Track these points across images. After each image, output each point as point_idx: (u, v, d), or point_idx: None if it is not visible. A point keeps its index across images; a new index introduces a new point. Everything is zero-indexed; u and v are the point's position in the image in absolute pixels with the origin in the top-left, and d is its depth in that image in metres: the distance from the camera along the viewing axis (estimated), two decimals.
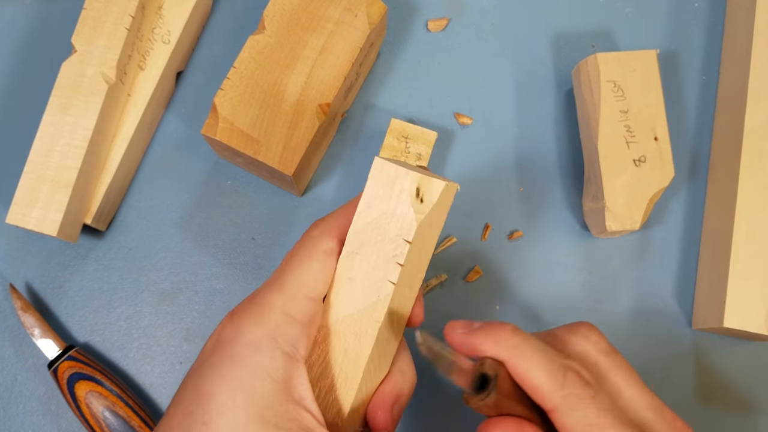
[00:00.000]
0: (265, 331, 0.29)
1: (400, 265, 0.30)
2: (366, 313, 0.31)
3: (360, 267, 0.31)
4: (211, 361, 0.29)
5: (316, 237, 0.32)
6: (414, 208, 0.30)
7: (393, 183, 0.30)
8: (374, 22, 0.46)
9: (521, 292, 0.49)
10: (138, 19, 0.47)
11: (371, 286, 0.31)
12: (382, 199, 0.30)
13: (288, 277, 0.31)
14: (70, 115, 0.44)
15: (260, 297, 0.30)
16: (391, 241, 0.30)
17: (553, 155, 0.51)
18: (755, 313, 0.44)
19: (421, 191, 0.30)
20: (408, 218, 0.30)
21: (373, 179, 0.31)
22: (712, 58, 0.53)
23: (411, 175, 0.30)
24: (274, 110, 0.45)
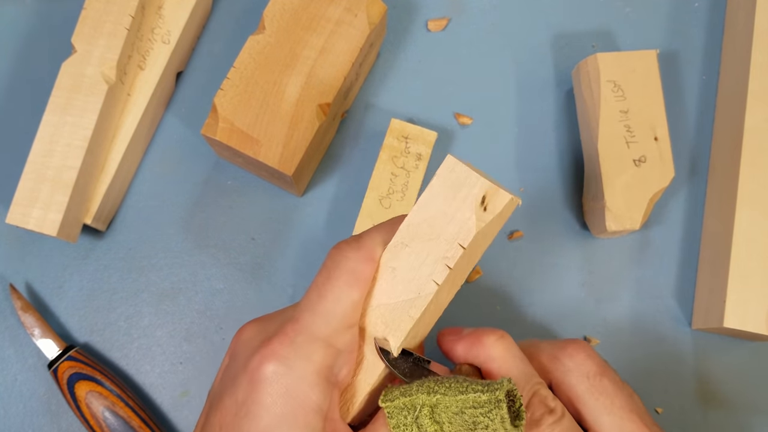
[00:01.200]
0: (314, 367, 0.28)
1: (449, 267, 0.30)
2: (402, 306, 0.30)
3: (406, 260, 0.30)
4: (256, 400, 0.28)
5: (352, 261, 0.30)
6: (476, 215, 0.29)
7: (461, 185, 0.30)
8: (374, 22, 0.46)
9: (521, 292, 0.49)
10: (138, 19, 0.47)
11: (413, 282, 0.30)
12: (446, 199, 0.30)
13: (329, 306, 0.30)
14: (70, 115, 0.44)
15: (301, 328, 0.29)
16: (446, 242, 0.30)
17: (553, 155, 0.51)
18: (755, 313, 0.44)
19: (486, 199, 0.30)
20: (468, 224, 0.29)
21: (441, 176, 0.30)
22: (712, 58, 0.53)
23: (481, 181, 0.29)
24: (274, 110, 0.45)
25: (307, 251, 0.49)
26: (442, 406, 0.29)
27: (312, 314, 0.30)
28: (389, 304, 0.31)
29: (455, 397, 0.29)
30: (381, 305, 0.31)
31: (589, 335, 0.49)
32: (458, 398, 0.29)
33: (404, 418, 0.29)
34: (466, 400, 0.29)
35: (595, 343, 0.48)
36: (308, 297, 0.30)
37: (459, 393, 0.29)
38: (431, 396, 0.29)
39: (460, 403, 0.29)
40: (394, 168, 0.47)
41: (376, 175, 0.47)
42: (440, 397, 0.29)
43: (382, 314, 0.31)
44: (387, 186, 0.47)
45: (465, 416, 0.29)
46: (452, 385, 0.29)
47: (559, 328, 0.49)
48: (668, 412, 0.48)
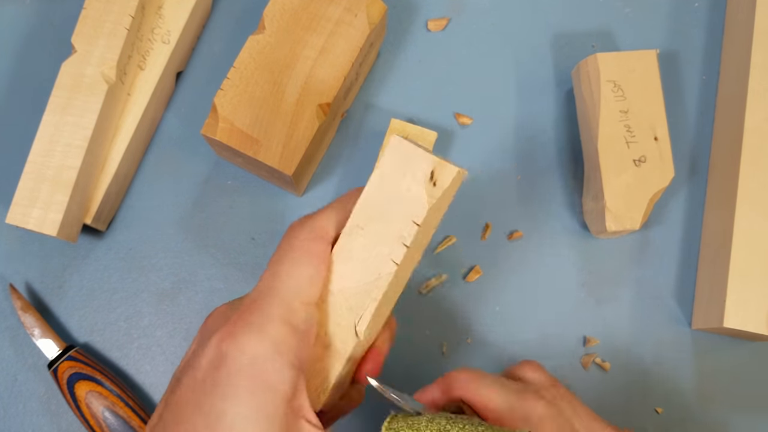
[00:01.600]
0: (268, 345, 0.28)
1: (406, 246, 0.30)
2: (364, 288, 0.30)
3: (362, 242, 0.30)
4: (215, 377, 0.28)
5: (304, 240, 0.31)
6: (427, 191, 0.29)
7: (409, 163, 0.30)
8: (374, 22, 0.46)
9: (521, 292, 0.49)
10: (138, 19, 0.47)
11: (372, 263, 0.30)
12: (395, 178, 0.30)
13: (283, 284, 0.30)
14: (70, 115, 0.44)
15: (257, 306, 0.29)
16: (400, 221, 0.30)
17: (553, 155, 0.51)
18: (755, 313, 0.44)
19: (435, 175, 0.30)
20: (420, 201, 0.29)
21: (389, 156, 0.30)
22: (712, 58, 0.53)
23: (429, 157, 0.29)
24: (274, 110, 0.45)
25: None
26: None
27: (267, 293, 0.30)
28: (350, 288, 0.31)
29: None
30: (342, 289, 0.31)
31: (589, 335, 0.49)
32: None
33: None
34: None
35: (595, 343, 0.48)
36: (263, 278, 0.31)
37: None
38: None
39: None
40: None
41: None
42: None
43: (345, 298, 0.31)
44: None
45: None
46: (466, 426, 0.29)
47: (559, 328, 0.49)
48: (668, 412, 0.48)
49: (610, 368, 0.48)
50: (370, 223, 0.30)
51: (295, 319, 0.29)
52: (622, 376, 0.48)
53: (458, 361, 0.48)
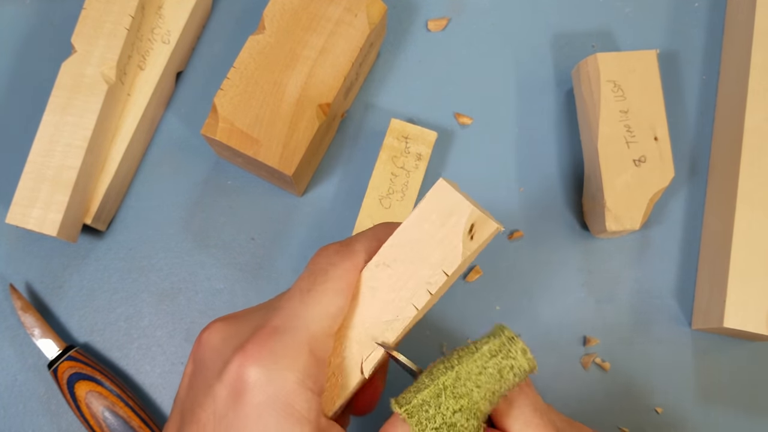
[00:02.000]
0: (297, 376, 0.27)
1: (431, 293, 0.29)
2: (379, 327, 0.30)
3: (386, 281, 0.30)
4: (239, 411, 0.26)
5: (339, 268, 0.29)
6: (464, 243, 0.29)
7: (451, 212, 0.29)
8: (374, 22, 0.46)
9: (521, 292, 0.49)
10: (138, 19, 0.47)
11: (392, 304, 0.30)
12: (434, 223, 0.29)
13: (314, 313, 0.28)
14: (70, 115, 0.44)
15: (282, 335, 0.27)
16: (430, 267, 0.29)
17: (553, 155, 0.51)
18: (755, 313, 0.44)
19: (474, 228, 0.29)
20: (455, 252, 0.29)
21: (432, 199, 0.30)
22: (712, 58, 0.53)
23: (472, 210, 0.29)
24: (274, 110, 0.45)
25: (307, 251, 0.49)
26: (464, 375, 0.29)
27: (294, 319, 0.28)
28: (365, 324, 0.30)
29: (472, 358, 0.29)
30: (356, 324, 0.30)
31: (589, 335, 0.49)
32: (475, 357, 0.29)
33: (426, 413, 0.28)
34: (483, 354, 0.29)
35: (595, 343, 0.48)
36: (289, 301, 0.29)
37: (473, 353, 0.29)
38: (449, 373, 0.29)
39: (479, 361, 0.29)
40: (394, 168, 0.47)
41: (376, 175, 0.47)
42: (458, 368, 0.29)
43: (357, 333, 0.30)
44: (387, 186, 0.47)
45: (489, 370, 0.29)
46: (461, 354, 0.29)
47: (559, 328, 0.49)
48: (668, 412, 0.48)
49: (610, 368, 0.48)
50: (397, 263, 0.30)
51: (320, 349, 0.28)
52: (622, 376, 0.48)
53: None
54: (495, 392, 0.29)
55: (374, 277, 0.30)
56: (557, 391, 0.48)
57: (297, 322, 0.28)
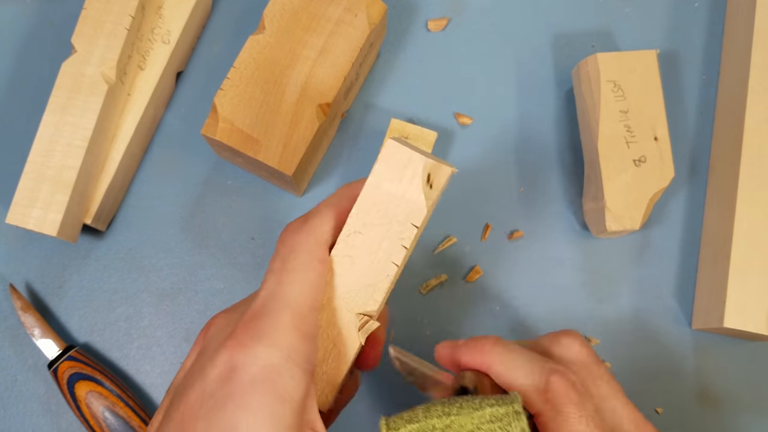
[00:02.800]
0: (281, 353, 0.27)
1: (405, 248, 0.30)
2: (365, 291, 0.31)
3: (361, 246, 0.31)
4: (227, 390, 0.27)
5: (306, 244, 0.30)
6: (425, 193, 0.30)
7: (405, 166, 0.30)
8: (374, 22, 0.46)
9: (521, 292, 0.49)
10: (138, 19, 0.47)
11: (373, 267, 0.31)
12: (391, 181, 0.30)
13: (289, 290, 0.29)
14: (70, 115, 0.44)
15: (265, 316, 0.28)
16: (399, 224, 0.30)
17: (553, 155, 0.51)
18: (755, 313, 0.44)
19: (431, 177, 0.30)
20: (418, 203, 0.30)
21: (384, 160, 0.30)
22: (712, 58, 0.53)
23: (425, 161, 0.30)
24: (274, 110, 0.45)
25: None
26: (456, 426, 0.29)
27: (273, 300, 0.29)
28: (351, 291, 0.31)
29: (470, 414, 0.29)
30: (343, 293, 0.31)
31: (589, 335, 0.49)
32: (474, 415, 0.29)
33: None
34: (483, 416, 0.29)
35: (595, 343, 0.48)
36: (266, 284, 0.30)
37: (474, 410, 0.29)
38: (443, 419, 0.29)
39: (477, 420, 0.29)
40: None
41: None
42: (454, 417, 0.29)
43: (346, 301, 0.31)
44: None
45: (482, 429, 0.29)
46: (464, 404, 0.29)
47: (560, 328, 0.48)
48: (668, 412, 0.48)
49: (610, 368, 0.48)
50: (368, 227, 0.31)
51: (305, 325, 0.29)
52: (622, 375, 0.48)
53: None
54: None
55: (349, 246, 0.31)
56: None
57: (276, 303, 0.29)
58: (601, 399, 0.33)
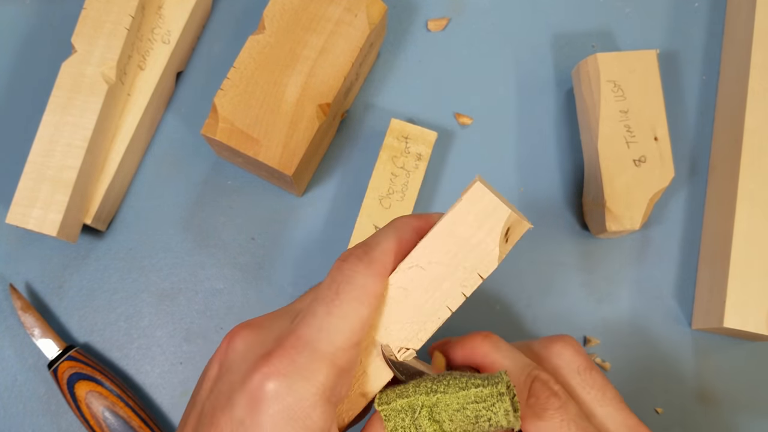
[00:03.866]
0: (317, 388, 0.27)
1: (465, 296, 0.30)
2: (411, 329, 0.30)
3: (420, 282, 0.30)
4: (258, 419, 0.26)
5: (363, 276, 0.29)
6: (500, 247, 0.29)
7: (489, 215, 0.29)
8: (374, 22, 0.46)
9: (521, 292, 0.49)
10: (138, 19, 0.47)
11: (426, 306, 0.30)
12: (470, 226, 0.29)
13: (340, 324, 0.28)
14: (70, 115, 0.44)
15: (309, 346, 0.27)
16: (465, 270, 0.29)
17: (553, 155, 0.51)
18: (755, 313, 0.44)
19: (510, 231, 0.30)
20: (492, 256, 0.29)
21: (469, 202, 0.29)
22: (712, 58, 0.53)
23: (509, 214, 0.29)
24: (274, 110, 0.45)
25: (307, 251, 0.49)
26: (442, 404, 0.29)
27: (317, 331, 0.28)
28: (397, 324, 0.30)
29: (456, 393, 0.29)
30: (389, 326, 0.30)
31: (589, 335, 0.49)
32: (459, 394, 0.29)
33: (402, 421, 0.29)
34: (468, 396, 0.28)
35: (595, 343, 0.48)
36: (313, 311, 0.29)
37: (459, 389, 0.29)
38: (430, 396, 0.29)
39: (462, 399, 0.29)
40: (394, 168, 0.47)
41: (376, 175, 0.47)
42: (440, 395, 0.29)
43: (389, 335, 0.30)
44: (387, 186, 0.47)
45: (467, 412, 0.29)
46: (451, 382, 0.29)
47: (559, 328, 0.49)
48: (668, 412, 0.48)
49: (610, 368, 0.48)
50: (432, 265, 0.30)
51: (344, 360, 0.28)
52: (622, 376, 0.48)
53: None
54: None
55: (407, 278, 0.30)
56: None
57: (320, 335, 0.28)
58: (594, 405, 0.33)
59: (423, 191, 0.50)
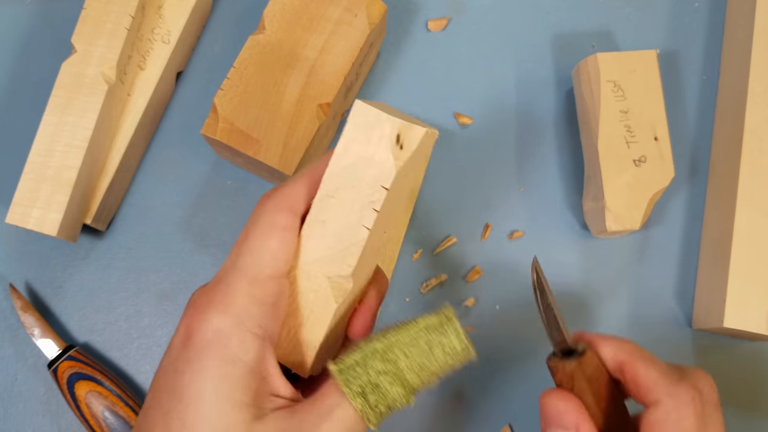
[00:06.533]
0: (232, 317, 0.29)
1: (376, 211, 0.30)
2: (339, 256, 0.30)
3: (334, 211, 0.30)
4: (185, 355, 0.29)
5: (270, 212, 0.31)
6: (393, 154, 0.29)
7: (373, 128, 0.30)
8: (374, 22, 0.46)
9: (521, 292, 0.49)
10: (138, 19, 0.47)
11: (345, 231, 0.30)
12: (360, 143, 0.30)
13: (247, 259, 0.30)
14: (70, 114, 0.44)
15: (222, 283, 0.30)
16: (369, 186, 0.30)
17: (553, 155, 0.51)
18: (755, 313, 0.44)
19: (401, 138, 0.30)
20: (387, 165, 0.30)
21: (353, 122, 0.30)
22: (712, 58, 0.53)
23: (392, 121, 0.29)
24: (274, 110, 0.45)
25: None
26: (395, 343, 0.29)
27: (231, 270, 0.30)
28: (325, 257, 0.31)
29: (407, 330, 0.30)
30: (318, 259, 0.31)
31: None
32: (410, 329, 0.30)
33: (354, 371, 0.29)
34: (418, 327, 0.30)
35: None
36: (230, 255, 0.31)
37: (409, 327, 0.30)
38: (382, 340, 0.30)
39: (413, 332, 0.30)
40: None
41: None
42: (392, 338, 0.30)
43: (321, 267, 0.31)
44: None
45: (420, 343, 0.29)
46: (400, 325, 0.30)
47: None
48: None
49: None
50: (339, 191, 0.30)
51: (260, 292, 0.29)
52: None
53: None
54: (425, 367, 0.30)
55: (321, 210, 0.31)
56: None
57: (233, 271, 0.30)
58: None
59: (423, 191, 0.50)
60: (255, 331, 0.29)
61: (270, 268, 0.30)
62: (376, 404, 0.29)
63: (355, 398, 0.29)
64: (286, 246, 0.30)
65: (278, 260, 0.30)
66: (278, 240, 0.30)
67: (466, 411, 0.47)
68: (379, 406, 0.29)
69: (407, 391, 0.29)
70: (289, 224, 0.31)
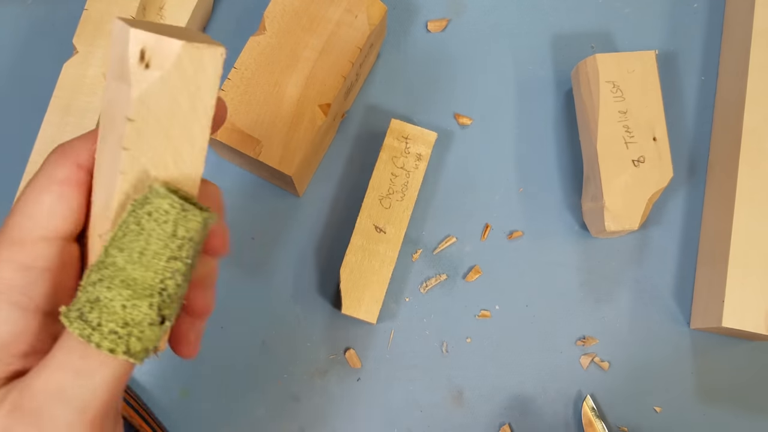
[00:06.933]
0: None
1: (125, 149, 0.24)
2: (104, 213, 0.26)
3: (105, 157, 0.25)
4: None
5: (50, 165, 0.26)
6: (134, 75, 0.23)
7: (124, 47, 0.23)
8: (374, 22, 0.46)
9: (521, 292, 0.49)
10: (139, 19, 0.47)
11: (109, 178, 0.25)
12: (113, 72, 0.24)
13: (14, 219, 0.26)
14: (72, 115, 0.44)
15: None
16: (120, 121, 0.24)
17: (552, 155, 0.51)
18: (754, 312, 0.44)
19: (147, 55, 0.23)
20: (129, 90, 0.23)
21: (112, 45, 0.24)
22: (711, 59, 0.53)
23: (134, 33, 0.23)
24: (275, 111, 0.45)
25: (307, 251, 0.49)
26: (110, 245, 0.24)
27: (1, 230, 0.26)
28: (102, 212, 0.26)
29: (119, 226, 0.24)
30: (97, 215, 0.26)
31: (588, 335, 0.49)
32: (118, 223, 0.24)
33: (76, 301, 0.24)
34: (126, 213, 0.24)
35: (594, 342, 0.48)
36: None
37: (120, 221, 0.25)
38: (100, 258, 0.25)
39: (122, 222, 0.24)
40: (394, 168, 0.47)
41: (376, 175, 0.47)
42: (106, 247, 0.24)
43: (101, 224, 0.26)
44: (387, 186, 0.47)
45: (130, 227, 0.24)
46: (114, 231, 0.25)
47: (558, 328, 0.49)
48: (667, 411, 0.48)
49: (609, 368, 0.48)
50: (106, 134, 0.25)
51: (26, 256, 0.26)
52: (622, 375, 0.48)
53: (458, 360, 0.48)
54: (146, 251, 0.24)
55: (98, 158, 0.26)
56: (556, 390, 0.48)
57: (1, 233, 0.26)
58: None
59: (423, 191, 0.50)
60: (15, 300, 0.25)
61: (42, 229, 0.26)
62: (100, 322, 0.23)
63: (71, 323, 0.23)
64: (67, 202, 0.26)
65: (55, 218, 0.26)
66: (55, 195, 0.26)
67: (466, 411, 0.48)
68: (109, 324, 0.23)
69: (138, 293, 0.24)
70: (70, 178, 0.26)
